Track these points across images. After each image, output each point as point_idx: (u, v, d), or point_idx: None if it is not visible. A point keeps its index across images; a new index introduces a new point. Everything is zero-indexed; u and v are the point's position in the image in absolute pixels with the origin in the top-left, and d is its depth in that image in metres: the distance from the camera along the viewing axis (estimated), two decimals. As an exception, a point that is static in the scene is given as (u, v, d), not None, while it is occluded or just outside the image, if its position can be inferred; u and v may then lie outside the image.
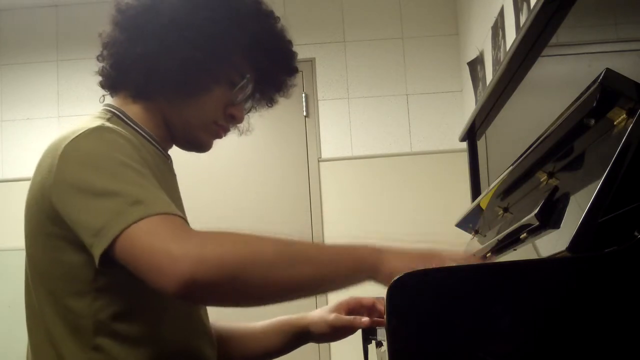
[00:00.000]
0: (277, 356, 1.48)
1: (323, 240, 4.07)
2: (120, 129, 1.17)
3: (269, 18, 1.31)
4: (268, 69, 1.31)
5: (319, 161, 4.16)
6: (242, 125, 1.36)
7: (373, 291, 1.17)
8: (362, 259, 1.07)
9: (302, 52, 1.40)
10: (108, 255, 1.05)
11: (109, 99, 1.34)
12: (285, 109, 4.41)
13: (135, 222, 1.02)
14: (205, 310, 1.32)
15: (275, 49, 1.31)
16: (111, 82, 1.30)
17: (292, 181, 4.15)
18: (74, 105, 4.29)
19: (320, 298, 3.97)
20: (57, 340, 1.15)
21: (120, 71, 1.27)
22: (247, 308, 1.11)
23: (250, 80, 1.29)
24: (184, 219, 1.08)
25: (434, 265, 1.02)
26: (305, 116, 4.17)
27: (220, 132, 1.31)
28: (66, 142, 1.13)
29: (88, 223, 1.06)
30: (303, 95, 4.17)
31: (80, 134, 1.13)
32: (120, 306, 1.14)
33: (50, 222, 1.13)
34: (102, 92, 1.35)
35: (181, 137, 1.31)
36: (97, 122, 1.17)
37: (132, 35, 1.24)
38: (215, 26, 1.22)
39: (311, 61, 4.19)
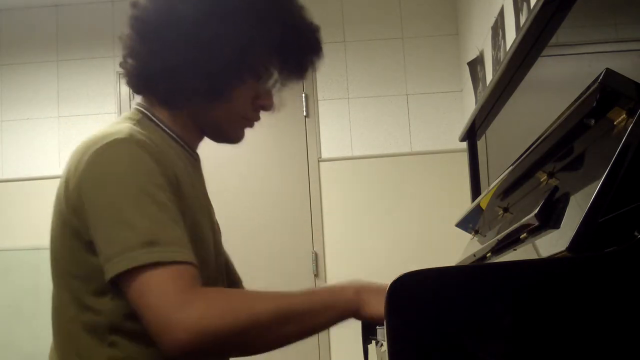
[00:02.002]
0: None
1: (323, 241, 4.07)
2: (149, 141, 1.17)
3: (289, 7, 1.28)
4: (293, 55, 1.30)
5: (319, 161, 4.16)
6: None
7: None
8: (347, 303, 1.12)
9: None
10: (116, 282, 1.10)
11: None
12: (285, 109, 4.41)
13: (143, 265, 1.06)
14: None
15: (298, 36, 1.28)
16: (137, 89, 1.30)
17: (292, 181, 4.16)
18: (74, 105, 4.29)
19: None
20: (75, 337, 1.18)
21: (146, 81, 1.27)
22: None
23: (275, 70, 1.29)
24: (194, 265, 1.10)
25: None
26: (305, 116, 4.17)
27: (252, 123, 1.33)
28: (94, 148, 1.14)
29: (101, 246, 1.11)
30: (303, 95, 4.17)
31: (109, 142, 1.14)
32: None
33: (70, 226, 1.16)
34: (100, 92, 1.36)
35: (213, 134, 1.33)
36: (127, 130, 1.17)
37: (154, 47, 1.23)
38: (236, 30, 1.21)
39: (311, 61, 4.18)
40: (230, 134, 1.32)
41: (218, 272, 1.33)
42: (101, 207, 1.11)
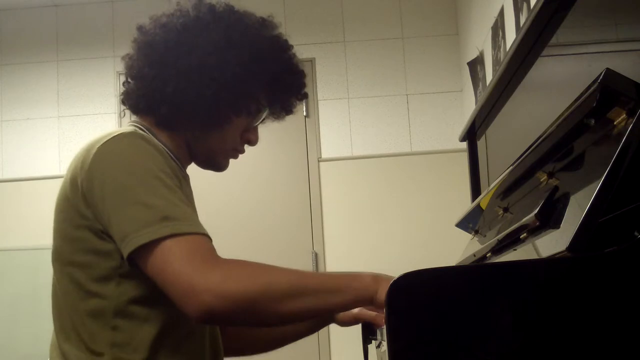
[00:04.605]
0: (304, 336, 1.57)
1: (323, 241, 4.07)
2: (153, 138, 1.25)
3: (286, 51, 1.39)
4: (283, 97, 1.42)
5: (319, 161, 4.16)
6: None
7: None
8: (364, 289, 1.17)
9: (302, 52, 1.43)
10: (133, 259, 1.15)
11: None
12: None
13: (162, 238, 1.12)
14: None
15: (292, 80, 1.41)
16: (137, 109, 1.36)
17: (292, 181, 4.15)
18: (74, 105, 4.29)
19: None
20: (79, 323, 1.22)
21: (147, 104, 1.33)
22: None
23: (265, 107, 1.39)
24: (209, 238, 1.16)
25: None
26: (305, 116, 4.17)
27: (237, 154, 1.42)
28: (100, 143, 1.20)
29: (117, 227, 1.16)
30: (303, 95, 4.17)
31: (115, 136, 1.21)
32: (141, 290, 1.21)
33: (79, 216, 1.20)
34: (100, 92, 1.38)
35: (202, 161, 1.41)
36: (130, 128, 1.25)
37: (161, 73, 1.30)
38: (240, 66, 1.30)
39: (311, 61, 4.19)
40: (219, 162, 1.40)
41: None
42: (115, 191, 1.16)
